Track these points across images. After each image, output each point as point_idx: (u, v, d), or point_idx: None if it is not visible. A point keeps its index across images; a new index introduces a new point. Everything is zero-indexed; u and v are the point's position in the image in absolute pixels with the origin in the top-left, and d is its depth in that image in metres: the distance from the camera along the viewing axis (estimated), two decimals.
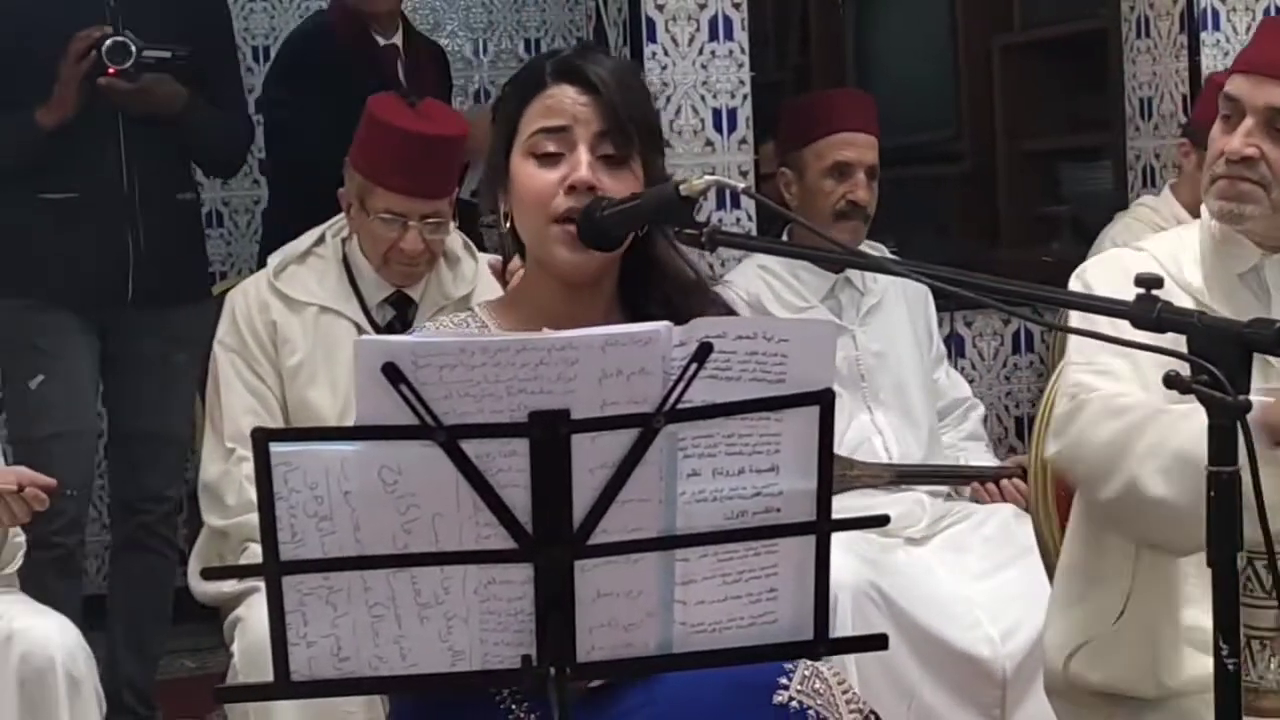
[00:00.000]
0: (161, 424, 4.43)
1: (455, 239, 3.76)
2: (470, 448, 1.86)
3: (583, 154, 2.40)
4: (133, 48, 4.15)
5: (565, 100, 2.43)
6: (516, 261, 2.90)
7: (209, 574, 2.40)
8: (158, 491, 4.51)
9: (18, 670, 3.15)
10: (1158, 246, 2.75)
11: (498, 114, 2.56)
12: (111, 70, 4.15)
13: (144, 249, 4.32)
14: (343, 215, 3.69)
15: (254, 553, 3.25)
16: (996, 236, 5.87)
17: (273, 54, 6.23)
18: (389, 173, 3.52)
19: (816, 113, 4.20)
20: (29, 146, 4.22)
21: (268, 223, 5.26)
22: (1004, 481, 3.95)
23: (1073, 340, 2.65)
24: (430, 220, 3.56)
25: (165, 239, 4.36)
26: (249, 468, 3.43)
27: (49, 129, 4.20)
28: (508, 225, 2.49)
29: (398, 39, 4.88)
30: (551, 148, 2.42)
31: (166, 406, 4.40)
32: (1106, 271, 2.69)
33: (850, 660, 3.33)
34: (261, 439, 1.86)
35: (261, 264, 3.96)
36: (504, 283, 2.91)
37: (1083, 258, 2.86)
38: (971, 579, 3.72)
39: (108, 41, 4.14)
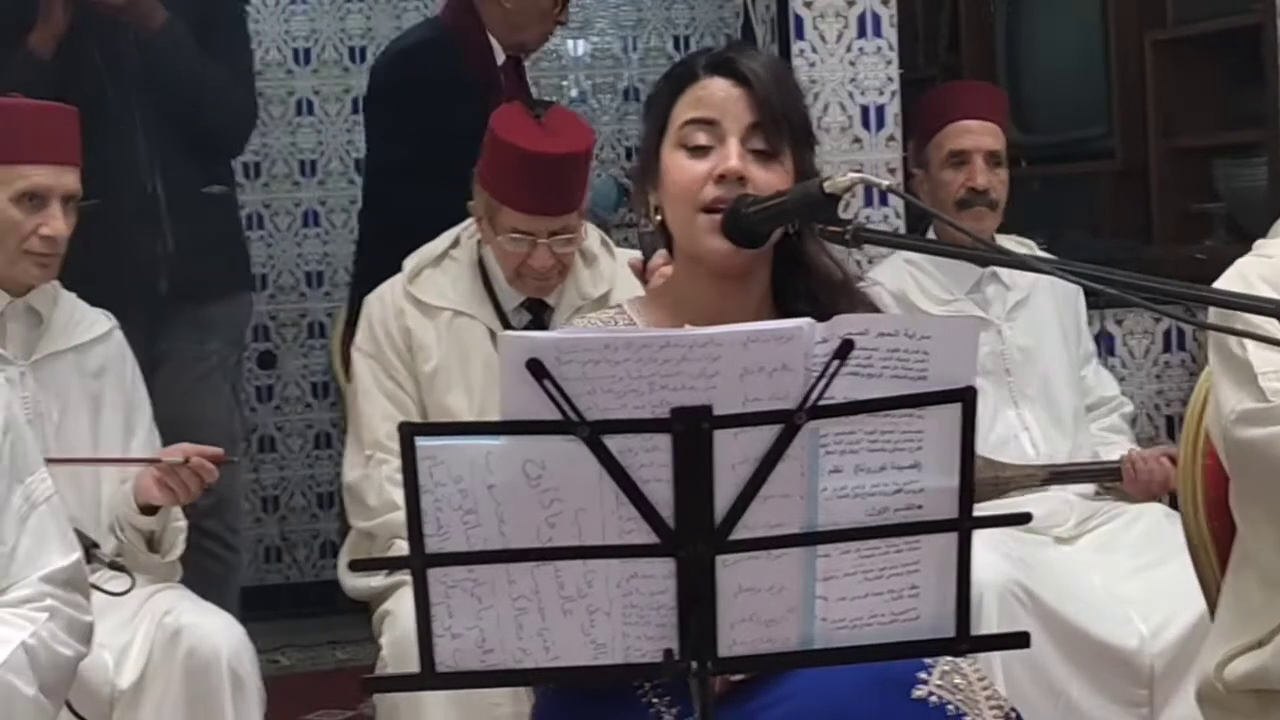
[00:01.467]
0: (196, 417, 4.34)
1: (593, 237, 3.76)
2: (613, 443, 1.87)
3: (733, 145, 2.41)
4: None
5: (717, 93, 2.44)
6: (657, 259, 2.90)
7: (356, 566, 2.43)
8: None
9: (184, 665, 3.20)
10: None
11: (649, 109, 2.57)
12: None
13: (175, 247, 4.29)
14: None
15: (401, 549, 3.30)
16: (1149, 234, 5.79)
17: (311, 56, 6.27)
18: (514, 192, 3.49)
19: (935, 107, 4.20)
20: (29, 72, 4.12)
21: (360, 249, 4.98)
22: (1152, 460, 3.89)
23: (1251, 350, 2.58)
24: (560, 236, 3.53)
25: (196, 234, 4.33)
26: (388, 469, 3.51)
27: (43, 53, 4.16)
28: (658, 219, 2.51)
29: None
30: (702, 139, 2.43)
31: (200, 400, 4.39)
32: (1236, 285, 2.63)
33: (996, 660, 3.31)
34: (408, 434, 1.87)
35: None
36: (644, 280, 2.91)
37: (1237, 255, 2.80)
38: (1122, 576, 3.67)
39: None
